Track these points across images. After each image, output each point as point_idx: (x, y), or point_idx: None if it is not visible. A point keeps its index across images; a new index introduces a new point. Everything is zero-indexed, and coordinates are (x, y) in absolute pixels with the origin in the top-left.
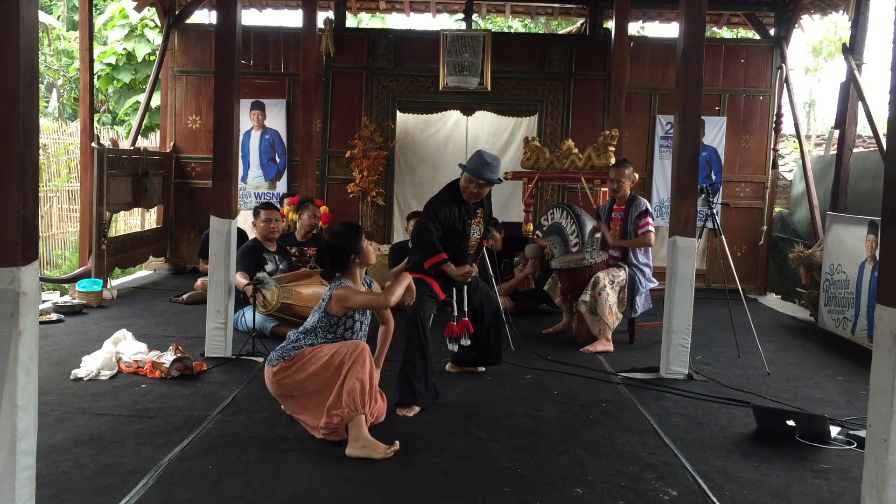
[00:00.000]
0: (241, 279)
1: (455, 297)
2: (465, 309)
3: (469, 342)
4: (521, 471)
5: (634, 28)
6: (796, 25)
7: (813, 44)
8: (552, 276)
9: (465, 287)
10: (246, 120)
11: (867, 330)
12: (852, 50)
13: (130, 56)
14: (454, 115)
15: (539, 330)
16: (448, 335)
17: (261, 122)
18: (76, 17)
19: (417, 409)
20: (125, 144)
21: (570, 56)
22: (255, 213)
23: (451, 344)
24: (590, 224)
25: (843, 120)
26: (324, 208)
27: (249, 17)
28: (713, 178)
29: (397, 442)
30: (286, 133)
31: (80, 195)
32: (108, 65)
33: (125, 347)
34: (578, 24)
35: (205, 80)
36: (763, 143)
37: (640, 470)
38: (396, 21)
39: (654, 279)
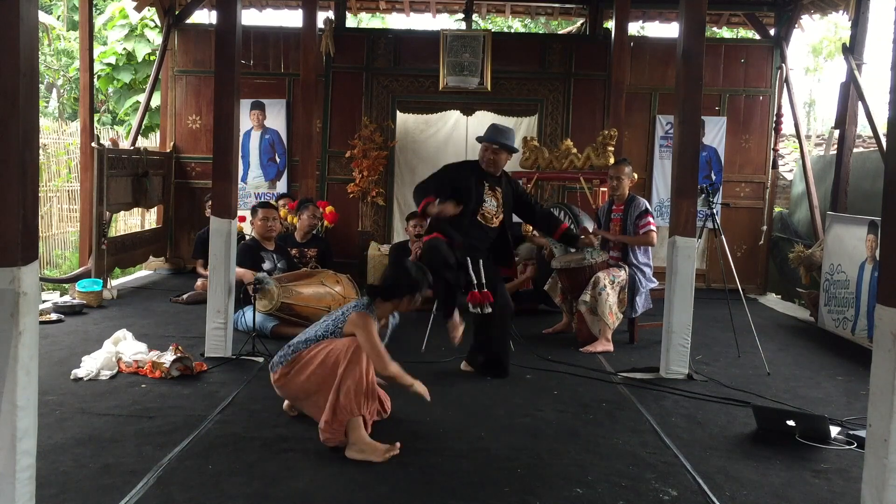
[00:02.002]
0: (242, 270)
1: (472, 267)
2: (483, 281)
3: (491, 311)
4: (521, 471)
5: (634, 28)
6: (796, 25)
7: (813, 44)
8: (552, 276)
9: (481, 262)
10: (246, 120)
11: (867, 330)
12: (852, 50)
13: (130, 56)
14: (454, 115)
15: (539, 330)
16: (470, 301)
17: (261, 122)
18: (76, 17)
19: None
20: (125, 144)
21: (570, 56)
22: (254, 211)
23: (474, 308)
24: (589, 225)
25: (843, 120)
26: (329, 208)
27: (249, 17)
28: (713, 178)
29: (398, 444)
30: (286, 133)
31: (80, 195)
32: (108, 65)
33: (125, 347)
34: (578, 24)
35: (205, 80)
36: (763, 143)
37: (640, 470)
38: (396, 21)
39: (654, 279)
